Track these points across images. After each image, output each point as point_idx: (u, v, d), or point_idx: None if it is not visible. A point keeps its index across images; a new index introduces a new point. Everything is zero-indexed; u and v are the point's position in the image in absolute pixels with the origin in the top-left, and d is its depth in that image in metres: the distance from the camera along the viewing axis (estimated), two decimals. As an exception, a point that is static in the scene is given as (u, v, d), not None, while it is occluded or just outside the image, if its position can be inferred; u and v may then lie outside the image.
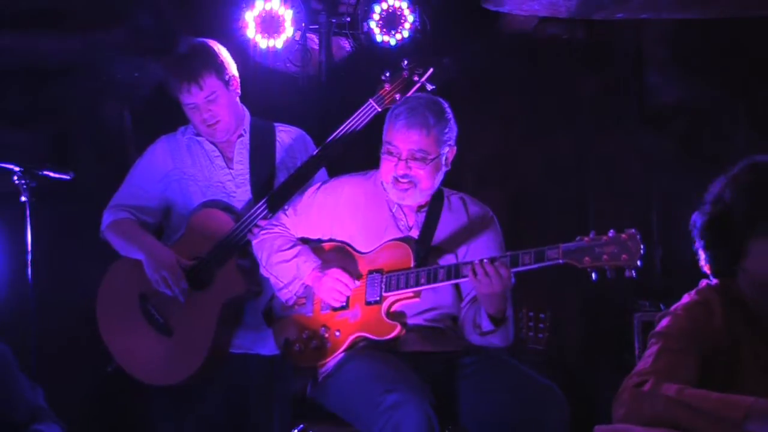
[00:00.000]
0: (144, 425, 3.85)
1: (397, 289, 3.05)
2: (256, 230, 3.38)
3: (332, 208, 3.25)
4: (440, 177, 3.18)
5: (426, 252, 3.12)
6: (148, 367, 3.54)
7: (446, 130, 3.12)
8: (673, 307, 2.50)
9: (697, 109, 4.71)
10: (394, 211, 3.21)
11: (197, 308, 3.49)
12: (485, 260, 2.88)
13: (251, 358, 3.62)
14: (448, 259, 3.14)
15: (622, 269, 2.74)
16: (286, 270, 3.23)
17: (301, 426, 3.21)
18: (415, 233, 3.18)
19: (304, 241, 3.30)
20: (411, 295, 3.06)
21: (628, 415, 2.28)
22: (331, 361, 3.12)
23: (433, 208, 3.21)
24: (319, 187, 3.31)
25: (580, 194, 4.96)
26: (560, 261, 2.81)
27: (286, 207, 3.35)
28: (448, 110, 3.17)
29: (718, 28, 4.53)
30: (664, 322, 2.46)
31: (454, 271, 2.97)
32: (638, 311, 4.32)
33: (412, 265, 3.07)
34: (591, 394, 4.03)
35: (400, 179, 3.10)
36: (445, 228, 3.19)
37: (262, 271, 3.33)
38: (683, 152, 4.69)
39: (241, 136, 3.66)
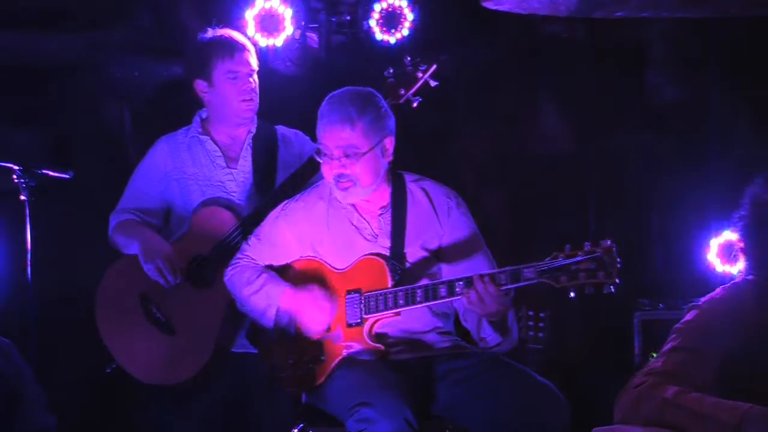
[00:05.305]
0: (143, 425, 3.85)
1: (377, 311, 3.00)
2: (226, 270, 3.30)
3: (295, 232, 3.18)
4: (382, 169, 3.08)
5: (401, 265, 3.06)
6: (149, 367, 3.54)
7: (375, 120, 3.01)
8: (702, 300, 2.43)
9: (697, 109, 4.71)
10: (355, 222, 3.13)
11: (201, 307, 3.49)
12: (462, 282, 2.82)
13: (252, 356, 3.62)
14: (422, 260, 3.09)
15: (600, 286, 2.62)
16: (257, 300, 3.17)
17: (301, 425, 3.21)
18: (384, 242, 3.09)
19: (273, 267, 3.22)
20: (391, 315, 3.01)
21: (627, 416, 2.28)
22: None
23: (397, 210, 3.12)
24: (278, 215, 3.23)
25: (580, 194, 4.95)
26: (535, 281, 2.72)
27: (249, 237, 3.28)
28: (378, 98, 3.06)
29: (718, 27, 4.53)
30: (689, 316, 2.41)
31: (431, 293, 2.90)
32: (638, 311, 4.32)
33: (389, 284, 3.00)
34: (591, 394, 4.02)
35: (340, 179, 3.02)
36: (413, 228, 3.10)
37: (240, 308, 3.28)
38: (683, 152, 4.69)
39: (250, 132, 3.68)
